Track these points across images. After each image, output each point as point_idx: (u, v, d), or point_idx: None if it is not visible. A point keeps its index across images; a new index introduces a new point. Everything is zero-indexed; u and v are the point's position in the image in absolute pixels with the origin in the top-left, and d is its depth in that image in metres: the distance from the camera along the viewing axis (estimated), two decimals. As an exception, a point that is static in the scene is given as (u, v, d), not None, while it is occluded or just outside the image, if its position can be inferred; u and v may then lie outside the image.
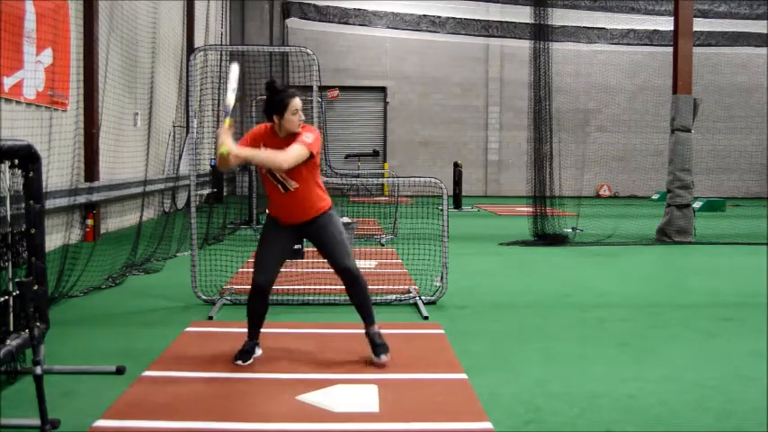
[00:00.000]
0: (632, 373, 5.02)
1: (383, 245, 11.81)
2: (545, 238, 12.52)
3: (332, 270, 5.19)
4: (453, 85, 27.04)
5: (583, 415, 4.18)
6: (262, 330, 5.22)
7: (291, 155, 4.76)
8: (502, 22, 23.75)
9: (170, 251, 10.28)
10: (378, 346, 5.11)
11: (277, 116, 4.88)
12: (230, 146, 4.62)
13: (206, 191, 18.23)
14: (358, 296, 5.15)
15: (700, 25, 18.87)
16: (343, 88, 26.23)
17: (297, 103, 4.87)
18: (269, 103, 4.91)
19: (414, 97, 27.02)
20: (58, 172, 9.55)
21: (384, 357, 5.06)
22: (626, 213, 16.97)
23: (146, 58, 14.54)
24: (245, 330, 5.20)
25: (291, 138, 4.90)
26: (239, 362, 5.03)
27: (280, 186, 4.95)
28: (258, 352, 5.22)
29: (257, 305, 5.13)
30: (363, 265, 9.58)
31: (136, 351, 5.40)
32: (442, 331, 6.10)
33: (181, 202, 16.77)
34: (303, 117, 4.93)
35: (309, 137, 4.89)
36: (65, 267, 7.34)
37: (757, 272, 9.58)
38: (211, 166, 18.99)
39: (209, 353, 5.33)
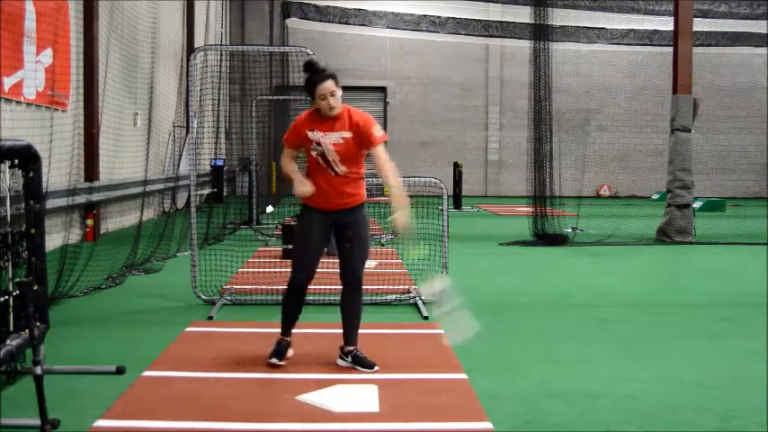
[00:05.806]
0: (632, 373, 5.02)
1: (383, 245, 11.80)
2: (545, 238, 12.52)
3: (331, 270, 5.14)
4: (453, 85, 27.02)
5: (583, 415, 4.18)
6: (260, 331, 5.20)
7: (389, 163, 4.85)
8: (502, 22, 23.77)
9: (170, 251, 10.27)
10: (367, 361, 4.93)
11: (311, 98, 4.78)
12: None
13: (206, 191, 18.22)
14: (355, 305, 5.01)
15: (700, 25, 18.85)
16: (343, 88, 26.08)
17: (324, 88, 4.69)
18: (305, 83, 4.77)
19: (414, 97, 27.01)
20: (58, 172, 9.54)
21: (376, 366, 4.94)
22: (626, 213, 16.95)
23: (146, 58, 14.54)
24: (246, 330, 5.21)
25: (335, 119, 4.79)
26: (274, 360, 4.90)
27: (330, 170, 4.81)
28: (290, 352, 5.07)
29: (295, 303, 5.00)
30: (363, 265, 9.58)
31: (136, 351, 5.40)
32: (441, 331, 6.10)
33: (181, 202, 16.79)
34: (334, 103, 4.73)
35: (379, 131, 4.85)
36: (65, 267, 7.33)
37: (757, 272, 9.58)
38: (211, 166, 19.00)
39: (210, 353, 5.33)
